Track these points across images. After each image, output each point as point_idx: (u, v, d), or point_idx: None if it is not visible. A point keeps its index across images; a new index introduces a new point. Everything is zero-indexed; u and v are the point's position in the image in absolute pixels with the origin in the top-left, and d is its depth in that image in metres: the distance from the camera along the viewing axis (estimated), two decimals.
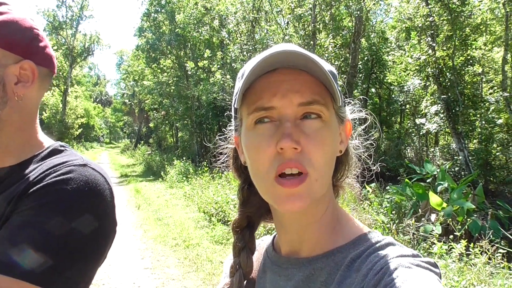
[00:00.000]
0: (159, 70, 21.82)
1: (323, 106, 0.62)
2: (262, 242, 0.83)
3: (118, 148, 48.13)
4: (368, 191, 6.79)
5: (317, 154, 0.60)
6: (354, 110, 0.75)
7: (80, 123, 32.15)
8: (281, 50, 0.59)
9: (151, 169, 19.50)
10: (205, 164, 12.77)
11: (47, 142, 0.93)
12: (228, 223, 7.16)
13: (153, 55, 21.15)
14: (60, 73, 29.22)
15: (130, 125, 50.93)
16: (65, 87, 28.85)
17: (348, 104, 0.75)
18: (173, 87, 20.11)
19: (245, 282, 0.75)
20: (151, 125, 33.37)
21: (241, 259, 0.75)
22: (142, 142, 36.22)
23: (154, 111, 27.53)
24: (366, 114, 0.76)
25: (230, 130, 0.79)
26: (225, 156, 0.81)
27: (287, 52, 0.59)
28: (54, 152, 0.89)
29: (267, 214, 0.79)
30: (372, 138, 0.77)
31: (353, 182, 0.76)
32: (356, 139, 0.76)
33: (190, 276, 5.11)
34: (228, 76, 11.76)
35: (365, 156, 0.76)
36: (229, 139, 0.80)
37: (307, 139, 0.59)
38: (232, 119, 0.75)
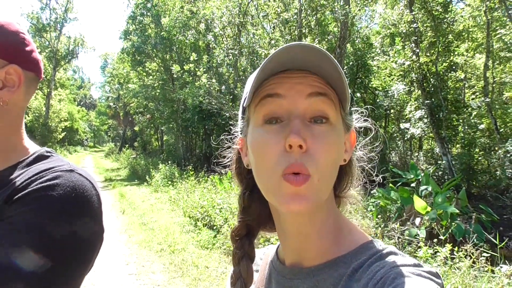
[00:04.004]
0: (144, 73, 21.67)
1: (331, 103, 0.62)
2: (267, 251, 0.82)
3: (103, 152, 47.57)
4: (354, 205, 6.82)
5: (322, 156, 0.59)
6: (360, 119, 0.75)
7: (63, 127, 31.69)
8: (300, 44, 0.59)
9: (136, 173, 19.32)
10: (190, 168, 12.71)
11: (33, 148, 0.92)
12: (214, 227, 7.12)
13: (139, 58, 21.01)
14: (44, 76, 28.63)
15: (115, 128, 50.50)
16: (48, 90, 28.41)
17: (355, 112, 0.75)
18: (158, 90, 20.00)
19: None
20: (136, 128, 33.15)
21: (242, 268, 0.73)
22: (127, 145, 35.81)
23: (139, 115, 27.34)
24: (371, 124, 0.75)
25: (235, 131, 0.77)
26: (228, 160, 0.81)
27: (302, 46, 0.59)
28: (40, 158, 0.88)
29: (267, 223, 0.78)
30: (376, 148, 0.77)
31: (356, 194, 0.76)
32: (360, 150, 0.76)
33: (175, 282, 5.05)
34: (214, 80, 11.73)
35: (369, 168, 0.76)
36: (234, 140, 0.79)
37: (313, 139, 0.59)
38: (239, 120, 0.74)
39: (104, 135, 68.69)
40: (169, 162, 16.15)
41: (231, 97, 13.17)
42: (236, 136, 0.77)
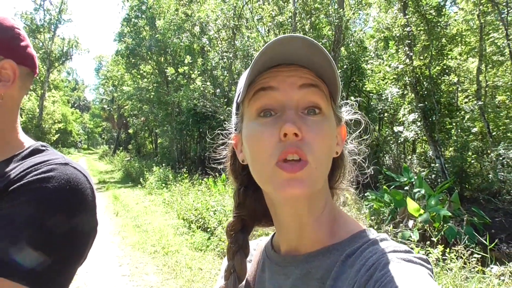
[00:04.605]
0: (139, 76, 21.65)
1: (322, 94, 0.64)
2: (261, 242, 0.83)
3: (96, 154, 47.39)
4: (347, 197, 6.85)
5: (317, 144, 0.61)
6: (350, 111, 0.77)
7: (57, 129, 31.54)
8: (293, 35, 0.60)
9: (130, 175, 19.26)
10: (184, 171, 12.69)
11: (28, 142, 0.92)
12: (208, 229, 7.12)
13: (133, 60, 20.97)
14: (37, 78, 28.60)
15: (109, 131, 50.33)
16: (42, 91, 28.23)
17: (345, 105, 0.76)
18: (153, 93, 19.98)
19: (239, 285, 0.75)
20: (130, 131, 33.06)
21: (236, 262, 0.75)
22: (121, 148, 35.75)
23: (134, 117, 27.27)
24: (360, 117, 0.77)
25: (229, 128, 0.78)
26: (222, 157, 0.81)
27: (292, 37, 0.60)
28: (35, 151, 0.88)
29: (262, 218, 0.79)
30: (365, 142, 0.78)
31: (348, 187, 0.77)
32: (351, 143, 0.77)
33: (169, 283, 5.04)
34: (208, 83, 11.75)
35: (361, 160, 0.78)
36: (228, 137, 0.79)
37: (308, 128, 0.61)
38: (233, 117, 0.75)
39: (98, 137, 68.43)
40: (163, 164, 16.12)
41: (225, 100, 13.19)
42: (230, 133, 0.77)
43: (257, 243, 0.84)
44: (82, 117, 63.38)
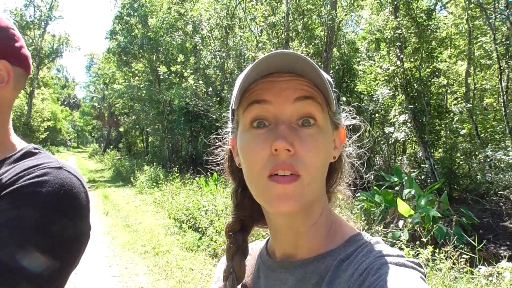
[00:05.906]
0: (130, 74, 21.54)
1: (318, 106, 0.63)
2: (256, 247, 0.83)
3: (86, 153, 47.02)
4: (339, 198, 6.89)
5: (311, 158, 0.60)
6: (348, 117, 0.76)
7: (46, 126, 31.20)
8: (281, 52, 0.59)
9: (120, 174, 19.14)
10: (176, 170, 12.64)
11: (20, 144, 0.91)
12: (199, 229, 7.10)
13: (125, 58, 20.85)
14: None
15: (99, 129, 49.94)
16: (31, 89, 27.87)
17: (343, 111, 0.76)
18: (144, 91, 19.86)
19: (238, 286, 0.74)
20: (121, 129, 32.87)
21: (235, 262, 0.74)
22: (111, 146, 35.56)
23: (125, 116, 27.11)
24: (359, 121, 0.77)
25: (226, 132, 0.78)
26: (220, 158, 0.81)
27: (287, 55, 0.59)
28: (28, 154, 0.87)
29: (260, 219, 0.79)
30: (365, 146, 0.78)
31: (345, 189, 0.77)
32: (350, 146, 0.77)
33: (159, 284, 5.03)
34: (200, 82, 11.71)
35: (359, 164, 0.77)
36: (224, 140, 0.79)
37: (301, 143, 0.60)
38: (229, 122, 0.74)
39: (88, 135, 67.84)
40: (154, 163, 16.05)
41: (217, 99, 13.16)
42: (227, 136, 0.78)
43: (252, 248, 0.84)
44: (72, 115, 62.83)
